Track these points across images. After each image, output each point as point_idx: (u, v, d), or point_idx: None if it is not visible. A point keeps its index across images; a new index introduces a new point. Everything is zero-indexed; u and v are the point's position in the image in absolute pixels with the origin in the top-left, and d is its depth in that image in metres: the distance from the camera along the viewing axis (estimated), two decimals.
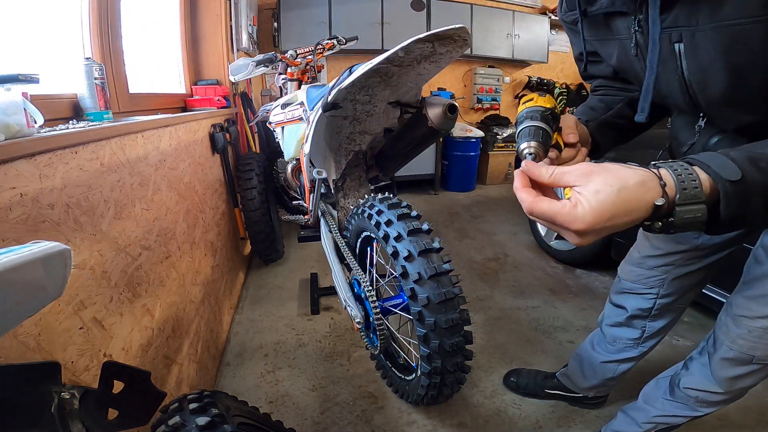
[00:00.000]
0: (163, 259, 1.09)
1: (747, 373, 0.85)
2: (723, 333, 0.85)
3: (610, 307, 1.12)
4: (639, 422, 1.04)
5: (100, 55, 1.16)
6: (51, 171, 0.66)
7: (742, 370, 0.85)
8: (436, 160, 3.88)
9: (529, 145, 0.58)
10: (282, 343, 1.61)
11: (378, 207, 1.08)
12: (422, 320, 0.94)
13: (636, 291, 1.03)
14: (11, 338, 0.54)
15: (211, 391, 0.70)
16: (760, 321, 0.79)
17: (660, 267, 0.98)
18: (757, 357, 0.81)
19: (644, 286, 1.01)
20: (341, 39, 1.96)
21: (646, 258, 1.00)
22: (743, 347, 0.82)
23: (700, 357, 0.93)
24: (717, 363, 0.87)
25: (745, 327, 0.81)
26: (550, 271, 2.29)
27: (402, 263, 0.96)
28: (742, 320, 0.81)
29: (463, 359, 1.00)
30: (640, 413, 1.04)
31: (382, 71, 1.06)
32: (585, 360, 1.20)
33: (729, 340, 0.83)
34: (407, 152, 1.32)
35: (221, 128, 1.83)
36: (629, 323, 1.07)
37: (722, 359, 0.86)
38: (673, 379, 0.99)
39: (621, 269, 1.08)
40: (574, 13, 0.71)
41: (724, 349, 0.84)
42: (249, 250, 2.40)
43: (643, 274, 1.01)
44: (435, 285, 0.93)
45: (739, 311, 0.82)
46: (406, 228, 0.98)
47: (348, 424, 1.23)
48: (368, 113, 1.27)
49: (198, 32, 2.07)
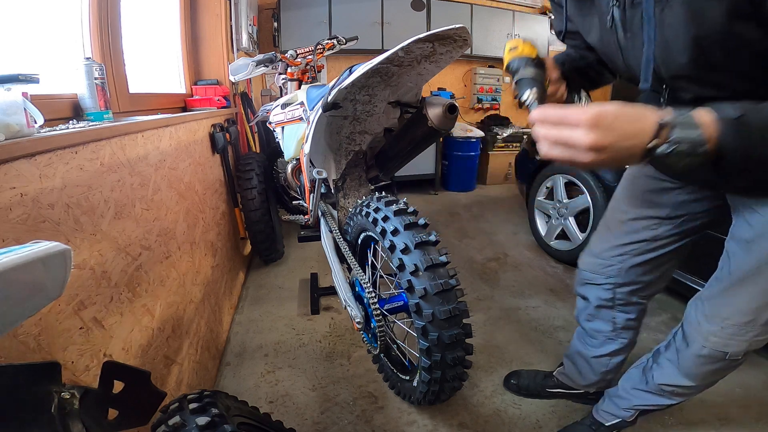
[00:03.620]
0: (163, 259, 1.09)
1: (720, 368, 0.86)
2: (694, 330, 0.85)
3: (578, 300, 1.16)
4: (621, 408, 1.07)
5: (100, 55, 1.16)
6: (51, 171, 0.66)
7: (715, 366, 0.85)
8: (436, 160, 3.88)
9: (533, 92, 0.66)
10: (282, 343, 1.61)
11: (375, 205, 1.09)
12: (420, 312, 0.94)
13: (595, 281, 1.06)
14: (11, 338, 0.54)
15: (211, 391, 0.70)
16: (734, 318, 0.79)
17: (616, 257, 1.00)
18: (731, 354, 0.81)
19: (602, 276, 1.04)
20: (341, 39, 1.96)
21: (604, 248, 1.03)
22: (717, 345, 0.82)
23: (666, 352, 0.95)
24: (689, 359, 0.87)
25: (717, 324, 0.81)
26: (550, 271, 2.29)
27: (399, 256, 0.96)
28: (714, 318, 0.81)
29: (464, 353, 1.00)
30: (622, 401, 1.07)
31: (382, 71, 1.06)
32: (578, 357, 1.21)
33: (701, 338, 0.83)
34: (407, 152, 1.32)
35: (221, 128, 1.83)
36: (598, 315, 1.10)
37: (695, 356, 0.86)
38: (644, 370, 1.00)
39: (581, 260, 1.12)
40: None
41: (697, 347, 0.84)
42: (249, 250, 2.40)
43: (601, 263, 1.04)
44: (432, 276, 0.93)
45: (712, 308, 0.82)
46: (402, 222, 0.99)
47: (348, 424, 1.23)
48: (368, 113, 1.27)
49: (198, 32, 2.07)
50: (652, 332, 1.68)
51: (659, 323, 1.76)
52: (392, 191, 1.26)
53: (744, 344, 0.79)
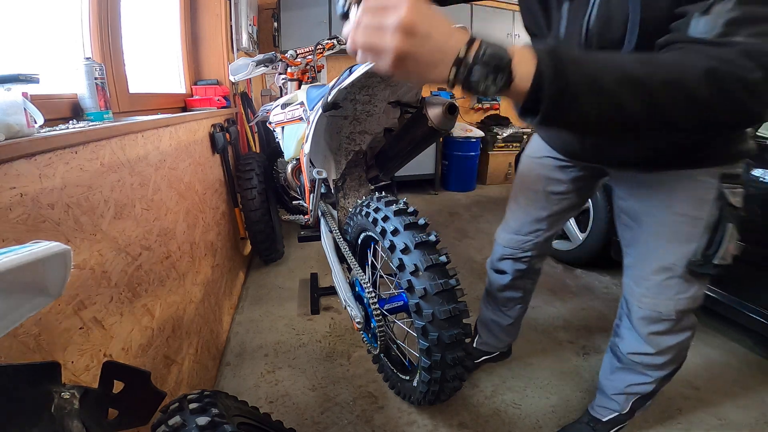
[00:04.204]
0: (163, 259, 1.09)
1: (663, 330, 0.92)
2: (629, 294, 0.95)
3: (493, 274, 1.28)
4: (611, 396, 1.10)
5: (100, 55, 1.16)
6: (51, 171, 0.66)
7: (657, 327, 0.92)
8: (436, 160, 3.88)
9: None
10: (282, 343, 1.61)
11: (375, 205, 1.09)
12: (420, 312, 0.94)
13: (515, 256, 1.19)
14: (11, 338, 0.54)
15: (211, 391, 0.70)
16: (652, 278, 0.88)
17: (533, 232, 1.14)
18: (663, 313, 0.88)
19: (521, 251, 1.18)
20: (341, 39, 1.96)
21: (520, 225, 1.16)
22: (648, 305, 0.90)
23: (622, 323, 1.02)
24: (636, 323, 0.95)
25: (643, 286, 0.90)
26: (550, 271, 2.29)
27: (399, 256, 0.96)
28: (639, 280, 0.91)
29: (464, 353, 1.00)
30: (609, 388, 1.11)
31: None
32: (493, 326, 1.37)
33: (636, 300, 0.92)
34: (407, 152, 1.32)
35: (221, 128, 1.83)
36: (513, 285, 1.25)
37: (638, 319, 0.94)
38: (612, 349, 1.07)
39: (499, 237, 1.23)
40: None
41: (635, 309, 0.93)
42: (249, 250, 2.40)
43: (520, 240, 1.17)
44: (432, 276, 0.93)
45: (634, 272, 0.92)
46: (402, 222, 0.99)
47: (348, 424, 1.23)
48: (368, 113, 1.27)
49: (198, 32, 2.07)
50: None
51: None
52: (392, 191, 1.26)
53: (671, 303, 0.87)
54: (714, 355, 1.55)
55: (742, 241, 0.80)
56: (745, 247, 0.83)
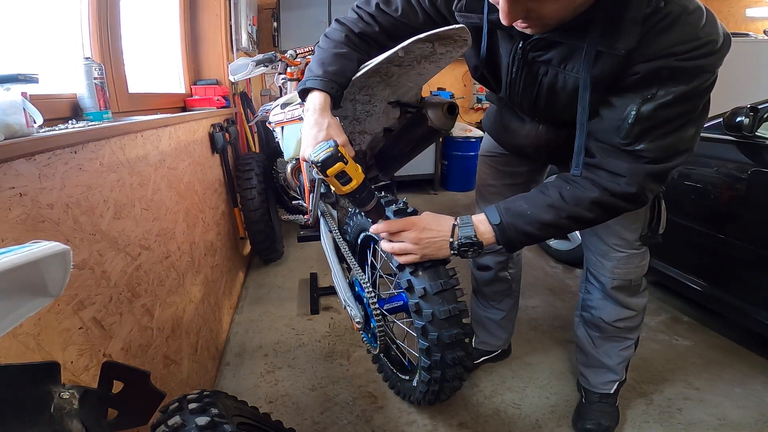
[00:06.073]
0: (163, 259, 1.09)
1: (633, 294, 1.09)
2: (600, 269, 1.08)
3: (477, 271, 1.36)
4: (612, 367, 1.18)
5: (100, 55, 1.16)
6: (50, 171, 0.66)
7: (629, 293, 1.08)
8: (436, 160, 3.88)
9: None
10: (282, 343, 1.61)
11: None
12: (420, 312, 0.94)
13: (493, 249, 1.25)
14: (11, 338, 0.54)
15: (211, 391, 0.70)
16: (617, 251, 1.04)
17: None
18: (633, 280, 1.06)
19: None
20: None
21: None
22: (620, 275, 1.05)
23: (592, 295, 1.14)
24: (612, 293, 1.08)
25: (613, 258, 1.05)
26: (550, 271, 2.29)
27: None
28: (608, 254, 1.05)
29: (464, 353, 1.00)
30: (605, 358, 1.18)
31: (382, 71, 1.06)
32: (488, 323, 1.40)
33: (608, 272, 1.07)
34: (407, 152, 1.32)
35: (221, 128, 1.83)
36: (498, 277, 1.32)
37: (612, 289, 1.08)
38: (589, 322, 1.17)
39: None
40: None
41: (609, 281, 1.07)
42: (249, 249, 2.40)
43: None
44: (432, 276, 0.93)
45: (601, 248, 1.06)
46: None
47: (348, 424, 1.23)
48: (368, 113, 1.27)
49: (198, 32, 2.07)
50: (652, 332, 1.68)
51: (659, 323, 1.76)
52: (392, 191, 1.26)
53: (638, 270, 1.06)
54: (714, 355, 1.55)
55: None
56: (746, 247, 0.87)
